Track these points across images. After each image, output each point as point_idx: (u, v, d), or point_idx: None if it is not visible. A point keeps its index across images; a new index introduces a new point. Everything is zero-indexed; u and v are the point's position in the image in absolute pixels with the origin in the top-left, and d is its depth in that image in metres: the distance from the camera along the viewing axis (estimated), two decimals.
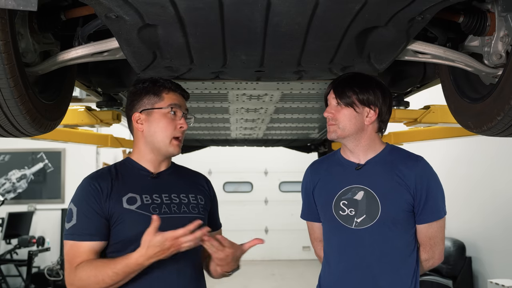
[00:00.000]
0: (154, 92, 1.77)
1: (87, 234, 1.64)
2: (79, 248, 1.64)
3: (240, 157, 10.15)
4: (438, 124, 3.28)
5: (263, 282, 8.43)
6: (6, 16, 1.39)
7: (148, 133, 1.77)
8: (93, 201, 1.67)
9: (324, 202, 1.92)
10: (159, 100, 1.76)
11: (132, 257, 1.56)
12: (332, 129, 1.87)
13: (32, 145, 7.40)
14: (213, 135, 4.79)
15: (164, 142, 1.75)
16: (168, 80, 1.82)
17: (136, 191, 1.72)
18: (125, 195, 1.70)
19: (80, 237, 1.64)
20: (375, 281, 1.81)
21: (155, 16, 1.44)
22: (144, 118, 1.77)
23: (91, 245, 1.64)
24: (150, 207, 1.70)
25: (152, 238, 1.53)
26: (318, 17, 1.44)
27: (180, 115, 1.78)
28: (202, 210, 1.81)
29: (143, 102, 1.77)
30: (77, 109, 3.05)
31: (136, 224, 1.66)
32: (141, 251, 1.55)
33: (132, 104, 1.80)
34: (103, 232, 1.66)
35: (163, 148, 1.76)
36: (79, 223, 1.65)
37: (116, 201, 1.68)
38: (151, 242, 1.53)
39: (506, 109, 1.67)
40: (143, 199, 1.71)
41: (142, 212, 1.68)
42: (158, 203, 1.72)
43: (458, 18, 1.80)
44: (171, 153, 1.78)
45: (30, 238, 6.77)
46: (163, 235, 1.53)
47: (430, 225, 1.85)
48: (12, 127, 1.68)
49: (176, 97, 1.79)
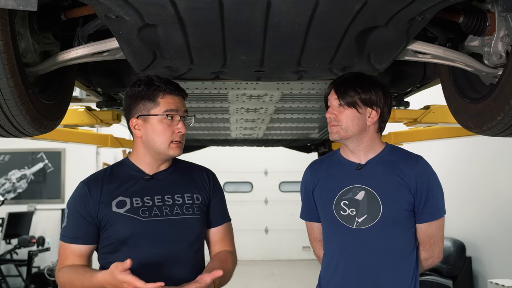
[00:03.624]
0: (149, 97, 1.72)
1: (73, 237, 1.72)
2: (66, 250, 1.73)
3: (240, 157, 10.15)
4: (438, 124, 3.28)
5: (263, 282, 8.43)
6: (6, 16, 1.39)
7: (146, 139, 1.75)
8: (82, 207, 1.72)
9: (325, 202, 1.92)
10: (154, 105, 1.72)
11: (97, 277, 1.58)
12: (335, 130, 1.86)
13: (32, 145, 7.39)
14: (213, 135, 4.79)
15: (163, 147, 1.74)
16: (164, 80, 1.76)
17: (126, 194, 1.73)
18: (115, 198, 1.72)
19: (68, 239, 1.73)
20: (376, 280, 1.82)
21: (155, 16, 1.44)
22: (141, 123, 1.75)
23: (77, 248, 1.72)
24: (139, 210, 1.71)
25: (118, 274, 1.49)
26: (318, 17, 1.44)
27: (177, 119, 1.74)
28: (197, 209, 1.79)
29: (139, 108, 1.74)
30: (77, 109, 3.05)
31: (124, 227, 1.69)
32: (105, 276, 1.54)
33: (129, 108, 1.77)
34: (89, 236, 1.72)
35: (162, 152, 1.76)
36: (68, 226, 1.74)
37: (105, 205, 1.71)
38: (114, 275, 1.50)
39: (506, 109, 1.67)
40: (133, 202, 1.72)
41: (130, 215, 1.70)
42: (149, 205, 1.72)
43: (458, 18, 1.80)
44: (171, 155, 1.78)
45: (30, 238, 6.78)
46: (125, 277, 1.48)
47: (430, 224, 1.85)
48: (12, 127, 1.69)
49: (173, 100, 1.74)
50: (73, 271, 1.67)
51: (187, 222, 1.76)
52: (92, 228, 1.71)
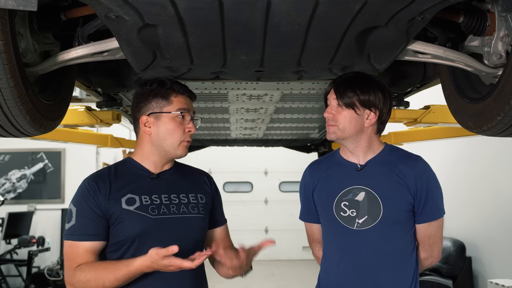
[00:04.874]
0: (162, 95, 1.75)
1: (85, 234, 1.66)
2: (78, 248, 1.65)
3: (240, 157, 10.15)
4: (438, 124, 3.28)
5: (263, 282, 8.43)
6: (6, 16, 1.39)
7: (156, 137, 1.76)
8: (92, 202, 1.68)
9: (325, 203, 1.92)
10: (168, 103, 1.75)
11: (134, 265, 1.58)
12: (332, 130, 1.86)
13: (32, 145, 7.39)
14: (213, 135, 4.79)
15: (173, 145, 1.75)
16: (175, 81, 1.79)
17: (135, 192, 1.72)
18: (124, 195, 1.71)
19: (79, 237, 1.66)
20: (376, 281, 1.81)
21: (155, 16, 1.44)
22: (152, 121, 1.75)
23: (90, 245, 1.65)
24: (149, 208, 1.70)
25: (160, 259, 1.53)
26: (318, 17, 1.44)
27: (188, 118, 1.77)
28: (202, 209, 1.81)
29: (151, 105, 1.76)
30: (77, 109, 3.06)
31: (135, 224, 1.67)
32: (146, 262, 1.56)
33: (139, 106, 1.78)
34: (102, 232, 1.67)
35: (171, 151, 1.76)
36: (78, 223, 1.67)
37: (115, 202, 1.69)
38: (157, 261, 1.54)
39: (506, 109, 1.67)
40: (142, 200, 1.71)
41: (140, 212, 1.69)
42: (157, 203, 1.72)
43: (458, 18, 1.80)
44: (179, 155, 1.78)
45: (30, 238, 6.77)
46: (170, 261, 1.53)
47: (430, 224, 1.85)
48: (12, 127, 1.68)
49: (185, 100, 1.78)
50: (94, 268, 1.61)
51: (194, 221, 1.77)
52: (104, 223, 1.67)
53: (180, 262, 1.53)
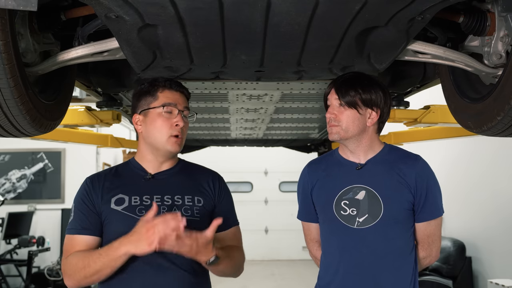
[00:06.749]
0: (150, 92, 1.78)
1: (81, 228, 1.71)
2: (74, 241, 1.70)
3: (240, 157, 10.15)
4: (438, 124, 3.28)
5: (263, 282, 8.43)
6: (6, 16, 1.39)
7: (146, 134, 1.78)
8: (87, 198, 1.74)
9: (324, 202, 1.91)
10: (154, 99, 1.77)
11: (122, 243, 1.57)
12: (335, 130, 1.85)
13: (32, 145, 7.39)
14: (213, 135, 4.79)
15: (161, 141, 1.75)
16: (168, 79, 1.80)
17: (126, 192, 1.74)
18: (115, 196, 1.73)
19: (75, 231, 1.71)
20: (376, 280, 1.81)
21: (155, 16, 1.44)
22: (142, 119, 1.79)
23: (85, 238, 1.70)
24: (136, 208, 1.70)
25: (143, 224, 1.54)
26: (318, 17, 1.44)
27: (175, 112, 1.76)
28: (197, 212, 1.76)
29: (141, 103, 1.79)
30: (77, 109, 3.06)
31: (121, 224, 1.67)
32: (128, 236, 1.56)
33: (133, 106, 1.83)
34: (97, 227, 1.71)
35: (161, 147, 1.76)
36: (75, 218, 1.73)
37: (105, 202, 1.72)
38: (139, 229, 1.54)
39: (506, 109, 1.67)
40: (132, 200, 1.72)
41: (127, 213, 1.70)
42: (147, 204, 1.71)
43: (458, 18, 1.80)
44: (169, 151, 1.76)
45: (30, 238, 6.77)
46: (141, 219, 1.56)
47: (429, 223, 1.86)
48: (12, 127, 1.69)
49: (172, 95, 1.77)
50: (83, 253, 1.64)
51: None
52: (98, 220, 1.71)
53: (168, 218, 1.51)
